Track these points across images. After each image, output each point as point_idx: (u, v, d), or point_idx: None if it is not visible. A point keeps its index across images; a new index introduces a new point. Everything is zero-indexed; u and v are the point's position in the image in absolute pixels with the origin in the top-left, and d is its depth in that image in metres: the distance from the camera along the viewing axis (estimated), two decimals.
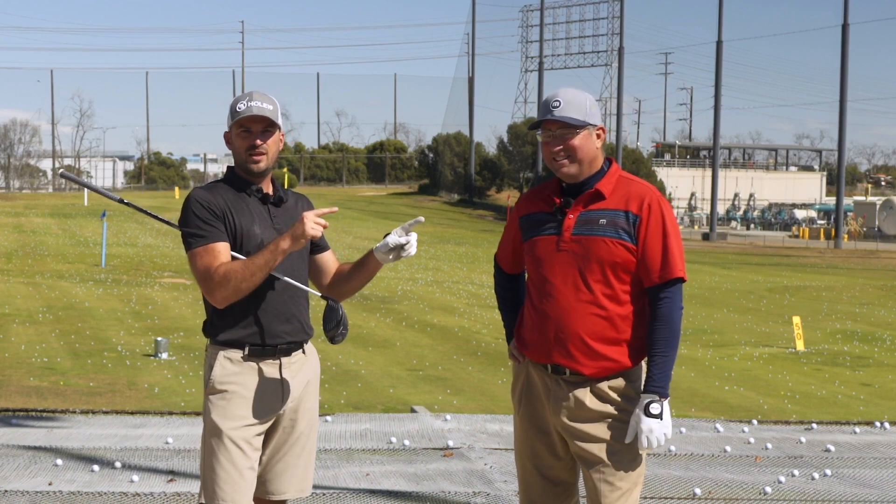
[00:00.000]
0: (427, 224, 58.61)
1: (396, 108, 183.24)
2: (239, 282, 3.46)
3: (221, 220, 3.57)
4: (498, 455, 6.65)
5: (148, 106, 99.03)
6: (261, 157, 3.62)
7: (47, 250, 33.84)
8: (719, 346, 17.54)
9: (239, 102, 3.62)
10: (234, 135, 3.64)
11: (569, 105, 3.50)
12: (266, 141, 3.62)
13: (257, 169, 3.63)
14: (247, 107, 3.59)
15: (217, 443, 3.56)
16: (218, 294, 3.49)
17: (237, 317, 3.58)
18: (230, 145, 3.68)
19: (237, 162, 3.67)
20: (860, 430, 7.88)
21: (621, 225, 3.48)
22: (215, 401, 3.59)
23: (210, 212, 3.57)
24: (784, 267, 40.27)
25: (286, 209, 3.71)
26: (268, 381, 3.61)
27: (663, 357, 3.46)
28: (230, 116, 3.64)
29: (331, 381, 12.46)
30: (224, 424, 3.55)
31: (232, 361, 3.60)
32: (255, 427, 3.60)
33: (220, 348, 3.62)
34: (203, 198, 3.60)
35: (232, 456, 3.54)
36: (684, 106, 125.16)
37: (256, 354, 3.61)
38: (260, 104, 3.60)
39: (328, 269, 3.85)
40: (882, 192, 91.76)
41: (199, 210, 3.57)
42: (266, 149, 3.62)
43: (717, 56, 67.64)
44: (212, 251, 3.53)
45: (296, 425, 3.72)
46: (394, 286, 26.44)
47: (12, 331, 15.86)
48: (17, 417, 7.61)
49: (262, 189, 3.67)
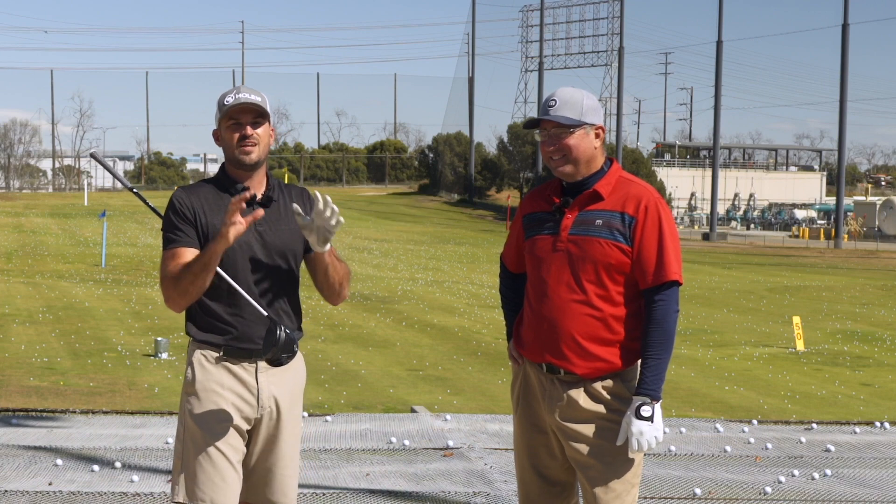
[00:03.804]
0: (427, 224, 58.61)
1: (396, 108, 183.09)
2: (184, 285, 3.40)
3: (193, 223, 3.52)
4: (498, 455, 6.65)
5: (148, 106, 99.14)
6: (252, 148, 3.51)
7: (47, 250, 33.84)
8: (719, 346, 17.54)
9: (226, 96, 3.54)
10: (223, 129, 3.55)
11: (564, 105, 3.49)
12: (256, 130, 3.52)
13: (249, 160, 3.52)
14: (235, 98, 3.51)
15: (195, 443, 3.51)
16: (167, 296, 3.47)
17: (214, 318, 3.55)
18: (220, 141, 3.59)
19: (228, 157, 3.59)
20: (860, 430, 7.88)
21: (617, 226, 3.47)
22: (192, 400, 3.55)
23: (181, 215, 3.53)
24: (784, 267, 40.27)
25: (276, 209, 3.59)
26: (243, 383, 3.56)
27: (656, 360, 3.45)
28: (218, 111, 3.56)
29: (331, 381, 12.46)
30: (201, 424, 3.51)
31: (209, 361, 3.56)
32: (233, 427, 3.53)
33: (197, 347, 3.59)
34: (179, 200, 3.55)
35: (210, 456, 3.49)
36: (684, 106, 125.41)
37: (232, 356, 3.55)
38: (247, 95, 3.52)
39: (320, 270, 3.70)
40: (882, 192, 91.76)
41: (173, 213, 3.54)
42: (257, 138, 3.52)
43: (717, 56, 67.67)
44: (176, 255, 3.49)
45: (280, 433, 3.62)
46: (394, 286, 26.43)
47: (12, 331, 15.86)
48: (17, 417, 7.61)
49: (248, 188, 3.54)
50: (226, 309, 3.53)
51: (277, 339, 3.39)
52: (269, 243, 3.56)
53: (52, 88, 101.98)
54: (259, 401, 3.57)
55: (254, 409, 3.56)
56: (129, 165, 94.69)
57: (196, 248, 3.49)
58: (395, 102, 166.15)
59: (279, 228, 3.58)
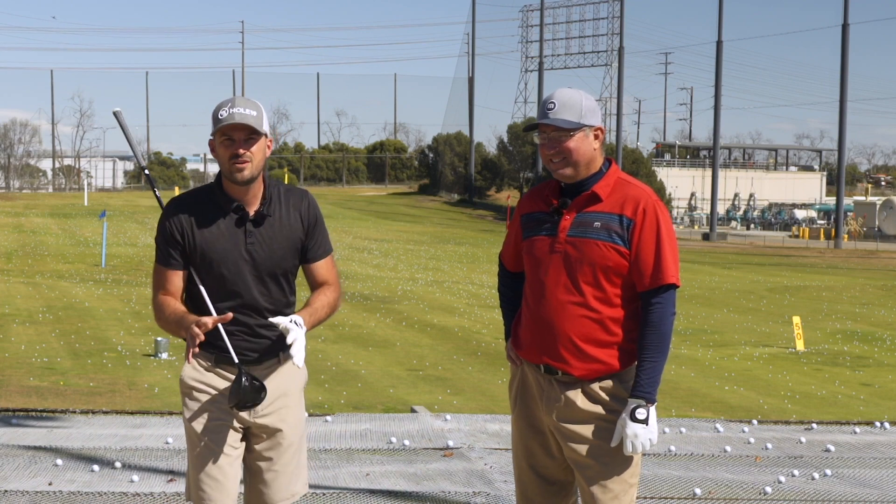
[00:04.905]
0: (427, 224, 58.62)
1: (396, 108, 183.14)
2: (160, 323, 3.60)
3: (181, 244, 3.54)
4: (498, 455, 6.65)
5: (148, 106, 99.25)
6: (244, 166, 3.46)
7: (47, 250, 33.84)
8: (719, 346, 17.54)
9: (221, 109, 3.46)
10: (217, 143, 3.50)
11: (563, 107, 3.47)
12: (249, 149, 3.46)
13: (241, 178, 3.47)
14: (228, 114, 3.43)
15: (194, 444, 3.56)
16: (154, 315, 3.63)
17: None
18: (215, 153, 3.54)
19: (222, 171, 3.56)
20: (860, 430, 7.87)
21: (615, 229, 3.46)
22: (188, 402, 3.60)
23: (170, 237, 3.55)
24: (784, 267, 40.27)
25: (270, 225, 3.55)
26: None
27: (652, 362, 3.44)
28: (213, 124, 3.49)
29: (331, 381, 12.46)
30: (197, 426, 3.55)
31: (201, 365, 3.61)
32: (229, 427, 3.56)
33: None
34: (169, 215, 3.57)
35: (209, 456, 3.52)
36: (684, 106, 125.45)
37: (223, 363, 3.58)
38: (242, 110, 3.44)
39: (312, 282, 3.70)
40: (882, 192, 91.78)
41: (162, 229, 3.58)
42: (250, 157, 3.46)
43: (717, 56, 67.68)
44: (160, 273, 3.60)
45: (281, 435, 3.64)
46: (394, 286, 26.43)
47: (12, 331, 15.86)
48: (17, 417, 7.61)
49: (243, 207, 3.53)
50: (212, 331, 3.51)
51: (242, 389, 3.43)
52: (260, 264, 3.56)
53: (52, 88, 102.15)
54: None
55: (246, 413, 3.58)
56: (129, 165, 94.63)
57: (180, 269, 3.56)
58: (395, 102, 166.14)
59: (271, 247, 3.55)
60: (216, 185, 3.61)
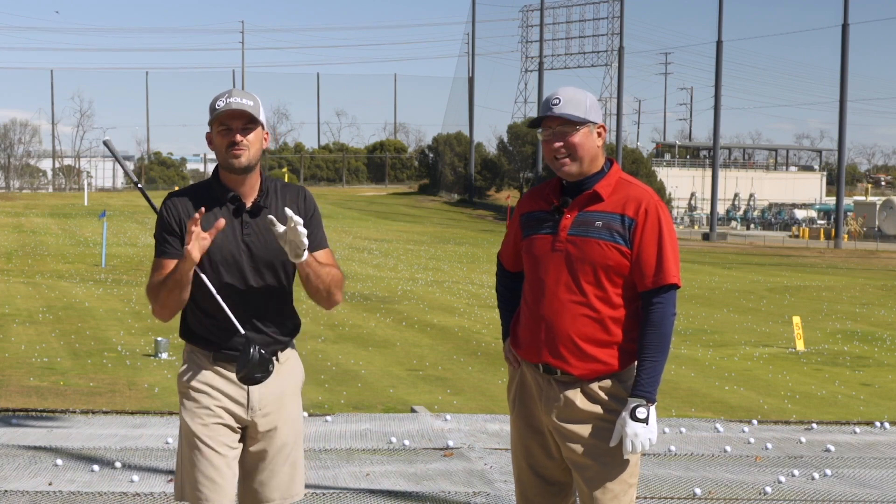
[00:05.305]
0: (427, 224, 58.62)
1: (396, 108, 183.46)
2: (161, 298, 3.50)
3: (179, 234, 3.55)
4: (498, 455, 6.65)
5: (148, 106, 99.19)
6: (241, 152, 3.49)
7: (47, 250, 33.84)
8: (719, 346, 17.54)
9: (218, 100, 3.51)
10: (214, 133, 3.54)
11: (568, 102, 3.49)
12: (246, 137, 3.50)
13: (238, 165, 3.50)
14: (226, 103, 3.48)
15: (192, 444, 3.55)
16: (151, 306, 3.58)
17: (202, 325, 3.59)
18: (212, 145, 3.58)
19: (219, 161, 3.58)
20: (860, 430, 7.87)
21: (616, 228, 3.46)
22: (186, 402, 3.60)
23: (168, 226, 3.57)
24: (784, 267, 40.27)
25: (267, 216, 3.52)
26: (233, 385, 3.58)
27: (652, 362, 3.44)
28: (210, 114, 3.53)
29: (331, 381, 12.46)
30: (195, 425, 3.55)
31: (199, 364, 3.61)
32: (226, 427, 3.57)
33: (190, 350, 3.65)
34: (166, 210, 3.59)
35: (207, 456, 3.52)
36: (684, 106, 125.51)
37: (222, 360, 3.59)
38: (239, 100, 3.49)
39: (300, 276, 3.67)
40: (882, 192, 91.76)
41: (160, 223, 3.59)
42: (247, 144, 3.49)
43: (717, 56, 67.68)
44: (158, 264, 3.57)
45: (278, 434, 3.64)
46: (394, 286, 26.43)
47: (12, 331, 15.86)
48: (17, 417, 7.61)
49: (239, 197, 3.55)
50: (211, 320, 3.56)
51: (250, 360, 3.42)
52: (257, 255, 3.56)
53: (52, 88, 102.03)
54: (249, 402, 3.59)
55: (244, 411, 3.59)
56: (130, 165, 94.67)
57: (178, 258, 3.52)
58: (395, 102, 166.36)
59: (268, 238, 3.55)
60: (213, 178, 3.63)
